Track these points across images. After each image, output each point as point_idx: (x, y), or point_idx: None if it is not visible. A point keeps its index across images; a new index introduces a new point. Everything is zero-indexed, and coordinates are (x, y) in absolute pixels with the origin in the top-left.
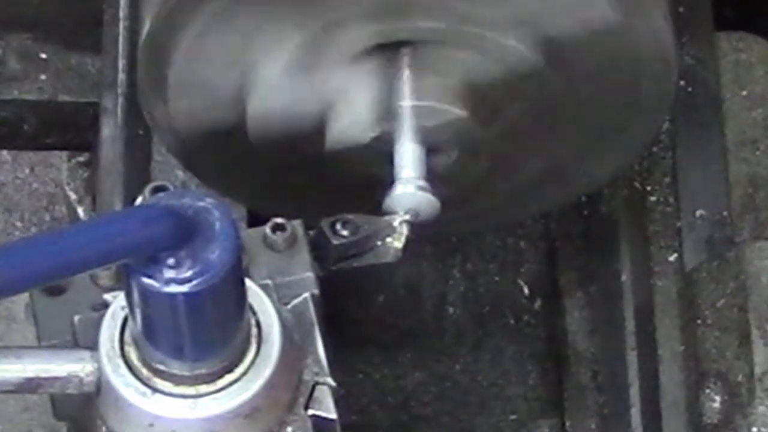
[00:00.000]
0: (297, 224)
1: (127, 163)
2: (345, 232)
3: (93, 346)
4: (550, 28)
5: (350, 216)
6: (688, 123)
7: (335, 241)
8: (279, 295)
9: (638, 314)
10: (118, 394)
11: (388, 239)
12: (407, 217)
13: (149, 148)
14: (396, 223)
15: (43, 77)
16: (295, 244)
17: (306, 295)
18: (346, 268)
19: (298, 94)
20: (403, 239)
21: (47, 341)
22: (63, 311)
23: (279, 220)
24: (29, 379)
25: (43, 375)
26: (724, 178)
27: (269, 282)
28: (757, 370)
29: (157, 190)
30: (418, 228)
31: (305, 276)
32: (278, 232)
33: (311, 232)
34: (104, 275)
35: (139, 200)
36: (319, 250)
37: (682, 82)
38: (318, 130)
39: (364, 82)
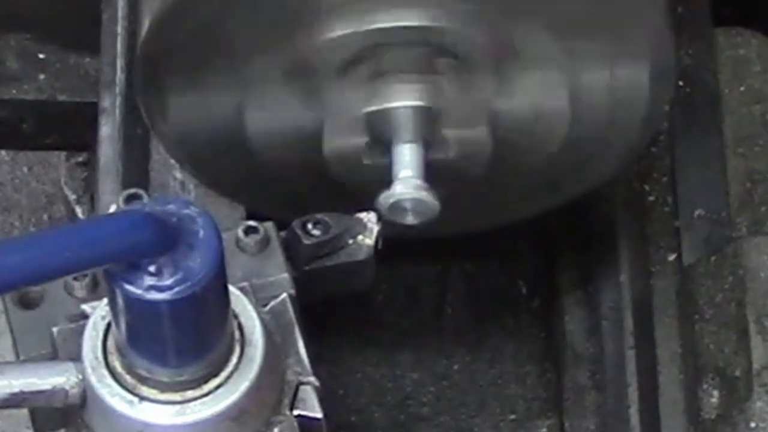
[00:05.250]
0: (269, 226)
1: (126, 162)
2: (316, 232)
3: (75, 358)
4: (565, 49)
5: (321, 215)
6: (687, 123)
7: (307, 241)
8: (256, 297)
9: (637, 314)
10: (105, 404)
11: (359, 237)
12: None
13: (148, 147)
14: (366, 221)
15: (41, 77)
16: (268, 246)
17: (284, 295)
18: (320, 267)
19: (295, 100)
20: (374, 236)
21: (26, 355)
22: (39, 324)
23: (251, 222)
24: (14, 395)
25: (28, 389)
26: (722, 178)
27: (246, 284)
28: (755, 365)
29: (132, 197)
30: (418, 228)
31: (281, 277)
32: (251, 235)
33: (283, 233)
34: (79, 286)
35: (112, 208)
36: (292, 250)
37: (680, 83)
38: (317, 134)
39: (357, 85)
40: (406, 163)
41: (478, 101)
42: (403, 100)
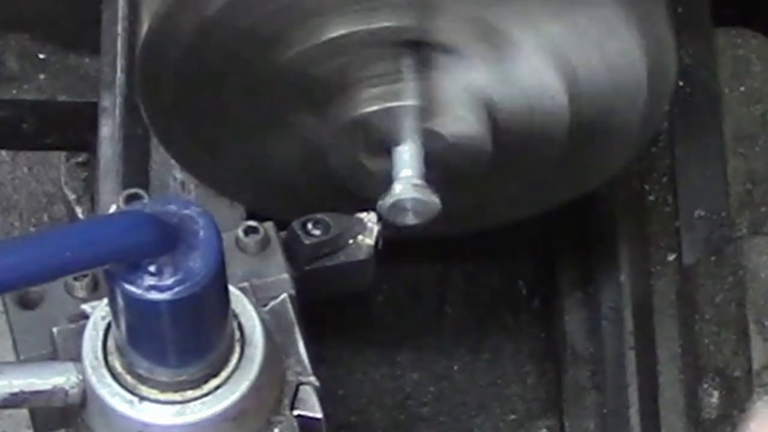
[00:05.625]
0: (269, 226)
1: (126, 162)
2: (316, 232)
3: (76, 358)
4: (569, 53)
5: (321, 215)
6: (687, 123)
7: (307, 241)
8: (256, 297)
9: (637, 314)
10: (105, 404)
11: (359, 237)
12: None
13: (148, 147)
14: (366, 221)
15: (41, 77)
16: (268, 246)
17: (284, 295)
18: (320, 267)
19: (295, 99)
20: (374, 236)
21: (26, 355)
22: (40, 324)
23: (251, 222)
24: (14, 395)
25: (28, 389)
26: (722, 178)
27: (246, 284)
28: (755, 366)
29: (132, 197)
30: (418, 228)
31: (281, 277)
32: (251, 235)
33: (283, 233)
34: (79, 286)
35: (113, 208)
36: (292, 250)
37: (680, 83)
38: (317, 133)
39: (354, 87)
40: (406, 163)
41: (474, 96)
42: (399, 100)
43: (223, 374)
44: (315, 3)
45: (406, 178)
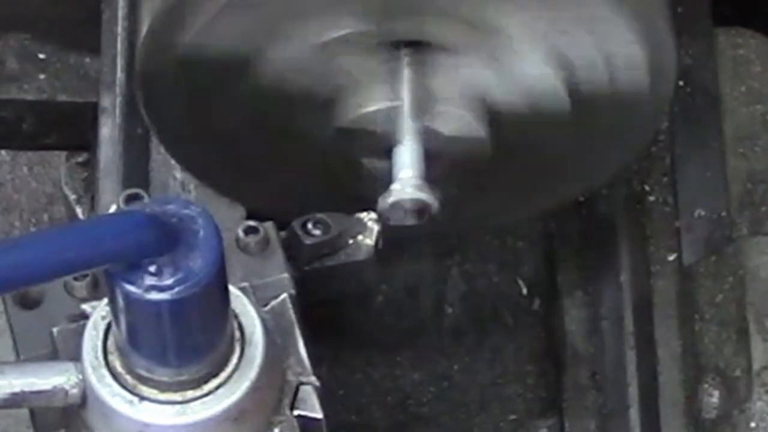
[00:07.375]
0: (270, 226)
1: (126, 162)
2: (316, 232)
3: (76, 358)
4: (568, 52)
5: (321, 215)
6: (687, 123)
7: (307, 241)
8: (256, 297)
9: (637, 314)
10: (105, 404)
11: (359, 237)
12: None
13: (148, 147)
14: (366, 221)
15: (41, 77)
16: (268, 246)
17: (284, 295)
18: (320, 267)
19: (295, 101)
20: (374, 236)
21: (26, 355)
22: (40, 323)
23: (251, 222)
24: (15, 394)
25: (29, 389)
26: (722, 178)
27: (246, 284)
28: (755, 366)
29: (132, 197)
30: (418, 228)
31: (281, 277)
32: (251, 235)
33: (283, 233)
34: (79, 286)
35: (113, 208)
36: (292, 250)
37: (680, 82)
38: (317, 135)
39: (354, 86)
40: (406, 162)
41: (474, 94)
42: (398, 100)
43: (224, 374)
44: (314, 4)
45: (406, 177)
